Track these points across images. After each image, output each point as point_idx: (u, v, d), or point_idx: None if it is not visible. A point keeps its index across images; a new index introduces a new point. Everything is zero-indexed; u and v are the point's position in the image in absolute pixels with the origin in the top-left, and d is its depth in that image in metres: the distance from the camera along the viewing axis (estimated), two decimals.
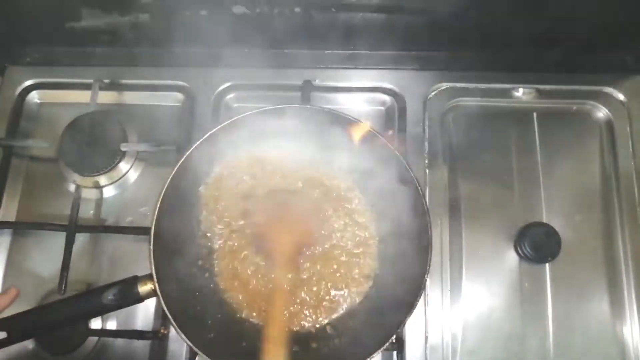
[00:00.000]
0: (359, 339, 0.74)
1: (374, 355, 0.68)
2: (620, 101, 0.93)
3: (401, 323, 0.69)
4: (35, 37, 0.98)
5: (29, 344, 0.83)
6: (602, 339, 0.81)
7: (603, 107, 0.92)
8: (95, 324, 0.84)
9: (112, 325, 0.85)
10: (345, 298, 0.80)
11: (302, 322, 0.79)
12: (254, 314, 0.79)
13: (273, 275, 0.79)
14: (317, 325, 0.79)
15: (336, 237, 0.82)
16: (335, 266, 0.81)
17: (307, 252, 0.81)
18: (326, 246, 0.81)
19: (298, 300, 0.79)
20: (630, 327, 0.82)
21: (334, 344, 0.76)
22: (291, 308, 0.79)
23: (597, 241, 0.85)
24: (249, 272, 0.81)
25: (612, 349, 0.81)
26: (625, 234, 0.85)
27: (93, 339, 0.83)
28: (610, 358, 0.81)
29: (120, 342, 0.84)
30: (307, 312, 0.79)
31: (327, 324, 0.79)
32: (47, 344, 0.81)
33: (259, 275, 0.81)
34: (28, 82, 0.97)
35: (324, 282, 0.80)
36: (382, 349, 0.68)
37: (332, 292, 0.80)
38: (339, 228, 0.83)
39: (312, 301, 0.79)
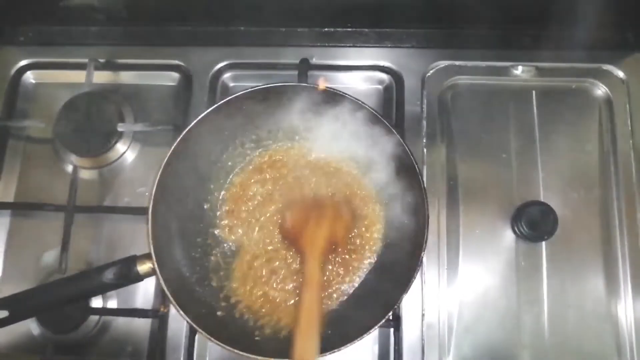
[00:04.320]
0: (356, 316, 0.75)
1: (370, 331, 0.68)
2: (620, 79, 0.92)
3: (398, 300, 0.70)
4: (29, 17, 0.96)
5: (30, 323, 0.84)
6: (596, 316, 0.82)
7: (602, 85, 0.92)
8: (96, 303, 0.85)
9: (112, 304, 0.86)
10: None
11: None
12: (251, 293, 0.80)
13: (304, 271, 0.73)
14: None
15: None
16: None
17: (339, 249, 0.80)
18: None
19: None
20: (624, 304, 0.82)
21: (331, 320, 0.76)
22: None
23: (594, 220, 0.86)
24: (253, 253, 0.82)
25: (606, 326, 0.82)
26: (622, 212, 0.85)
27: (94, 318, 0.84)
28: (604, 335, 0.82)
29: (121, 320, 0.85)
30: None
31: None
32: (49, 323, 0.82)
33: (263, 255, 0.81)
34: (23, 62, 0.96)
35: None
36: (378, 325, 0.69)
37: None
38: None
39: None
